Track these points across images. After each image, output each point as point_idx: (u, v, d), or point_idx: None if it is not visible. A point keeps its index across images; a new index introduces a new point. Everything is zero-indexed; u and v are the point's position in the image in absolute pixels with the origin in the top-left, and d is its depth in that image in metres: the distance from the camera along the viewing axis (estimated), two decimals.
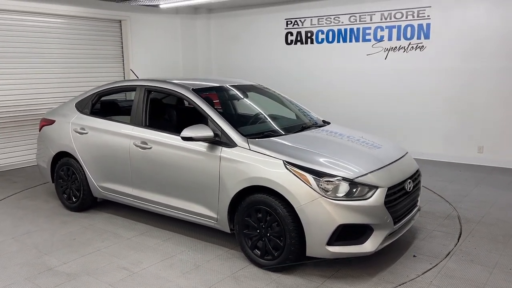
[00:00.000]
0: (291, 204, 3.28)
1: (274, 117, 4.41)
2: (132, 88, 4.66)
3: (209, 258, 3.77)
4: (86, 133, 4.77)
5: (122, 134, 4.43)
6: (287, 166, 3.34)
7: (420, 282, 3.28)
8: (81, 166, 4.88)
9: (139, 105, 4.44)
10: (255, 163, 3.48)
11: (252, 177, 3.45)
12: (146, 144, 4.21)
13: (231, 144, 3.68)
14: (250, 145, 3.60)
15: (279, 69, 8.88)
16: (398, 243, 3.86)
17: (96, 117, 4.82)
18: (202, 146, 3.82)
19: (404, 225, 3.62)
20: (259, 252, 3.56)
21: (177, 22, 9.36)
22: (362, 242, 3.26)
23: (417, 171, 3.92)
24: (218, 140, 3.75)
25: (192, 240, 4.15)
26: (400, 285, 3.25)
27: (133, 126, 4.41)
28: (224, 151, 3.68)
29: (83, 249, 3.99)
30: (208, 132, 3.71)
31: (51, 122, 5.21)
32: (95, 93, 4.96)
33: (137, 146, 4.28)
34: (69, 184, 5.04)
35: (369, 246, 3.24)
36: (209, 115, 3.88)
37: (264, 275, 3.44)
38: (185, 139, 3.75)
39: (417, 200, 3.97)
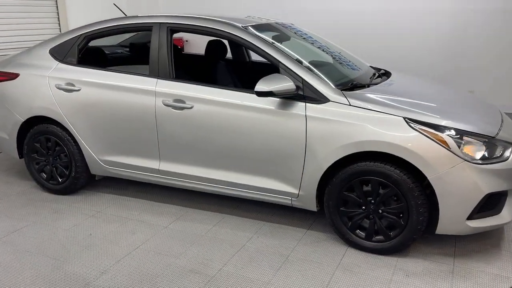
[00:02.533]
0: (420, 173, 2.61)
1: (334, 65, 3.57)
2: (143, 27, 3.45)
3: (291, 244, 2.98)
4: (78, 90, 3.50)
5: (141, 90, 3.28)
6: (411, 124, 2.61)
7: None
8: (71, 136, 3.63)
9: (163, 51, 3.29)
10: (363, 123, 2.69)
11: (360, 141, 2.67)
12: (184, 102, 3.15)
13: (320, 99, 2.82)
14: (349, 99, 2.78)
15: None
16: None
17: (89, 67, 3.54)
18: (272, 103, 2.91)
19: None
20: (363, 233, 2.87)
21: None
22: (498, 211, 2.72)
23: None
24: (301, 95, 2.86)
25: (248, 221, 3.30)
26: None
27: (157, 79, 3.27)
28: (312, 109, 2.82)
29: (113, 249, 2.93)
30: (289, 84, 2.80)
31: (12, 76, 3.77)
32: (81, 35, 3.62)
33: (168, 105, 3.19)
34: (51, 160, 3.77)
35: (507, 215, 2.72)
36: (282, 63, 2.94)
37: (378, 261, 2.78)
38: (262, 94, 2.80)
39: None
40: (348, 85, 3.00)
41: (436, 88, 3.48)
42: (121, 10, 4.34)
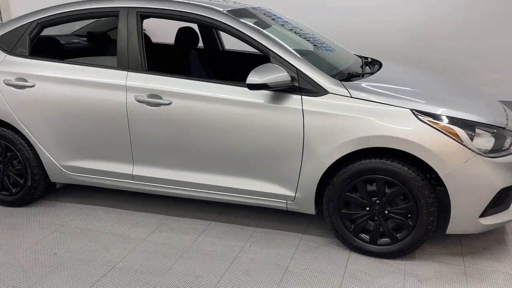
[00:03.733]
0: (429, 169, 2.40)
1: (321, 54, 3.28)
2: (108, 13, 3.00)
3: (289, 252, 2.70)
4: (31, 86, 3.01)
5: (109, 85, 2.85)
6: (420, 117, 2.38)
7: None
8: (25, 139, 3.14)
9: (133, 40, 2.87)
10: (367, 116, 2.43)
11: (366, 137, 2.42)
12: (160, 98, 2.76)
13: (318, 91, 2.54)
14: (350, 90, 2.52)
15: None
16: None
17: (44, 60, 3.05)
18: (262, 97, 2.60)
19: None
20: (367, 237, 2.63)
21: None
22: (507, 206, 2.57)
23: None
24: (296, 86, 2.56)
25: (236, 228, 2.98)
26: None
27: (128, 72, 2.85)
28: (309, 102, 2.53)
29: (85, 270, 2.52)
30: (284, 75, 2.49)
31: None
32: (32, 21, 3.11)
33: (141, 101, 2.79)
34: (2, 168, 3.25)
35: None
36: (274, 51, 2.62)
37: (385, 266, 2.55)
38: (255, 87, 2.47)
39: None
40: (345, 75, 2.74)
41: (433, 77, 3.30)
42: None
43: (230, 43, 4.38)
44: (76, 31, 4.65)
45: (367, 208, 2.57)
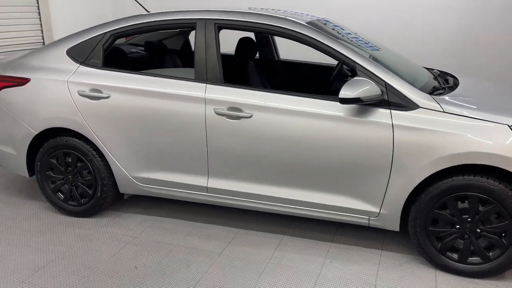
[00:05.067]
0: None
1: (399, 66, 3.22)
2: (185, 24, 2.99)
3: (372, 269, 2.64)
4: (106, 97, 3.00)
5: (188, 97, 2.83)
6: None
7: None
8: (96, 150, 3.13)
9: (211, 52, 2.85)
10: (462, 132, 2.38)
11: (461, 153, 2.35)
12: (241, 111, 2.73)
13: (408, 105, 2.49)
14: (442, 105, 2.46)
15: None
16: None
17: (118, 71, 3.05)
18: (347, 111, 2.55)
19: None
20: (455, 255, 2.56)
21: None
22: None
23: None
24: (385, 100, 2.52)
25: (310, 243, 2.93)
26: None
27: (206, 84, 2.84)
28: (399, 116, 2.48)
29: (169, 285, 2.49)
30: (375, 89, 2.45)
31: (21, 81, 3.22)
32: (106, 33, 3.12)
33: (221, 114, 2.77)
34: (71, 178, 3.25)
35: None
36: (361, 64, 2.58)
37: (475, 286, 2.48)
38: (347, 101, 2.43)
39: None
40: (430, 89, 2.69)
41: (507, 90, 3.22)
42: (142, 6, 3.84)
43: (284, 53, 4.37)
44: (128, 40, 4.66)
45: (457, 226, 2.50)
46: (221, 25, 2.89)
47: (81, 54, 3.14)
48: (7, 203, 3.56)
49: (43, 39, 6.47)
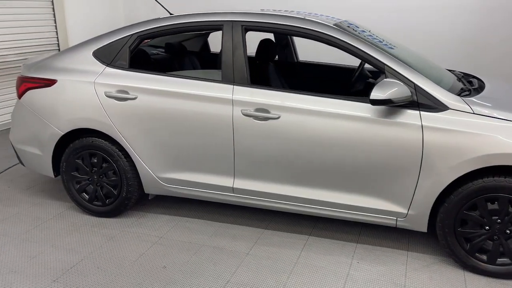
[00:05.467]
0: None
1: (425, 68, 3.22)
2: (211, 26, 3.02)
3: (400, 270, 2.65)
4: (133, 98, 3.03)
5: (215, 99, 2.86)
6: None
7: None
8: (122, 151, 3.16)
9: (238, 53, 2.88)
10: (493, 134, 2.38)
11: (492, 155, 2.36)
12: (268, 112, 2.75)
13: (437, 106, 2.50)
14: (471, 106, 2.47)
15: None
16: None
17: (145, 72, 3.08)
18: (376, 112, 2.57)
19: None
20: (483, 256, 2.57)
21: None
22: None
23: None
24: (415, 102, 2.53)
25: (337, 243, 2.94)
26: None
27: (233, 86, 2.86)
28: (429, 118, 2.49)
29: (198, 285, 2.51)
30: (405, 90, 2.46)
31: (48, 82, 3.26)
32: (133, 34, 3.15)
33: (248, 115, 2.79)
34: (96, 178, 3.28)
35: None
36: (389, 66, 2.60)
37: (504, 287, 2.48)
38: (378, 102, 2.44)
39: None
40: (458, 91, 2.70)
41: None
42: (164, 8, 3.87)
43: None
44: (147, 42, 4.70)
45: (487, 227, 2.51)
46: (248, 27, 2.91)
47: (107, 56, 3.18)
48: (32, 203, 3.59)
49: (57, 40, 6.55)
